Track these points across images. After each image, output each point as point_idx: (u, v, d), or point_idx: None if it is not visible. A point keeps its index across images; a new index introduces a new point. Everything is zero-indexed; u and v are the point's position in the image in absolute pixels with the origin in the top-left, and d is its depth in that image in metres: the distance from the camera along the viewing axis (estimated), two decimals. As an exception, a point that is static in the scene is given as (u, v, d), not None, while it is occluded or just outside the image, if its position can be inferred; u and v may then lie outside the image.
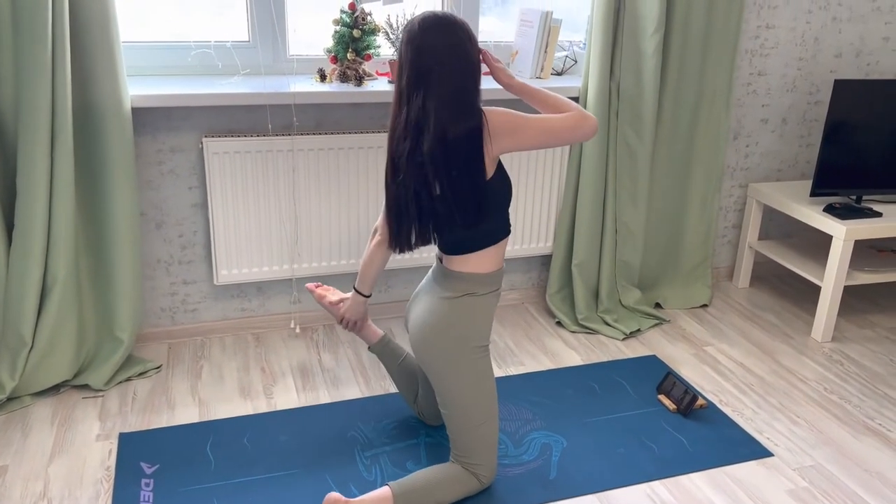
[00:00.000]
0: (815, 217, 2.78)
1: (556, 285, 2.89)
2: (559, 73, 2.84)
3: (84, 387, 2.33)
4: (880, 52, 3.13)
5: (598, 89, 2.62)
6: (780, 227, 3.32)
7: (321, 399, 2.34)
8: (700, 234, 3.01)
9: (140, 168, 2.41)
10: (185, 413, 2.24)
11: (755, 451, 2.14)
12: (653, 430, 2.23)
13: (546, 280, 3.00)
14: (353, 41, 2.44)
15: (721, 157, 2.91)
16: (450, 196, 1.73)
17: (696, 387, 2.46)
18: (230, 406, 2.28)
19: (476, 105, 1.74)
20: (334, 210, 2.58)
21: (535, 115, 1.77)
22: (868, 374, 2.57)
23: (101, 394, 2.32)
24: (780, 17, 2.93)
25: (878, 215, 2.77)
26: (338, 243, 2.62)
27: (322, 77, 2.48)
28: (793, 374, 2.56)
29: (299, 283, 2.70)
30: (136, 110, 2.31)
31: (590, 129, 1.76)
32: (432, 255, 2.46)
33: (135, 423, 2.18)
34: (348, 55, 2.44)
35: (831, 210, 2.78)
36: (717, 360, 2.63)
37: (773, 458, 2.12)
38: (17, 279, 2.16)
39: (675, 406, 2.32)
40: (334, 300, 2.12)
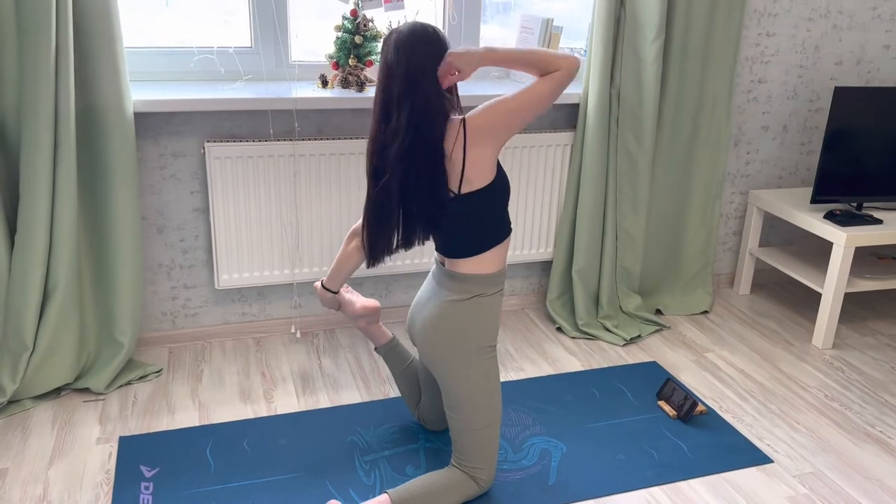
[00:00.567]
0: (816, 224, 2.78)
1: (557, 291, 2.90)
2: (560, 80, 2.84)
3: (85, 390, 2.34)
4: (881, 60, 3.14)
5: (598, 96, 2.63)
6: (780, 233, 3.32)
7: (321, 403, 2.34)
8: (701, 241, 3.01)
9: (142, 172, 2.43)
10: (186, 417, 2.24)
11: (755, 457, 2.14)
12: (653, 436, 2.22)
13: (546, 286, 3.00)
14: (354, 47, 2.45)
15: (722, 164, 2.91)
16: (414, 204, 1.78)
17: (696, 393, 2.46)
18: (230, 410, 2.29)
19: (441, 115, 1.75)
20: (335, 215, 2.59)
21: (518, 92, 1.75)
22: (869, 382, 2.57)
23: (102, 397, 2.32)
24: (780, 25, 2.94)
25: (879, 222, 2.78)
26: (338, 248, 2.62)
27: (324, 83, 2.49)
28: (793, 381, 2.56)
29: (300, 287, 2.70)
30: (138, 115, 2.33)
31: (572, 73, 1.74)
32: (432, 259, 2.46)
33: (135, 427, 2.18)
34: (350, 61, 2.45)
35: (832, 217, 2.78)
36: (717, 367, 2.63)
37: (773, 464, 2.12)
38: (19, 283, 2.17)
39: (675, 412, 2.32)
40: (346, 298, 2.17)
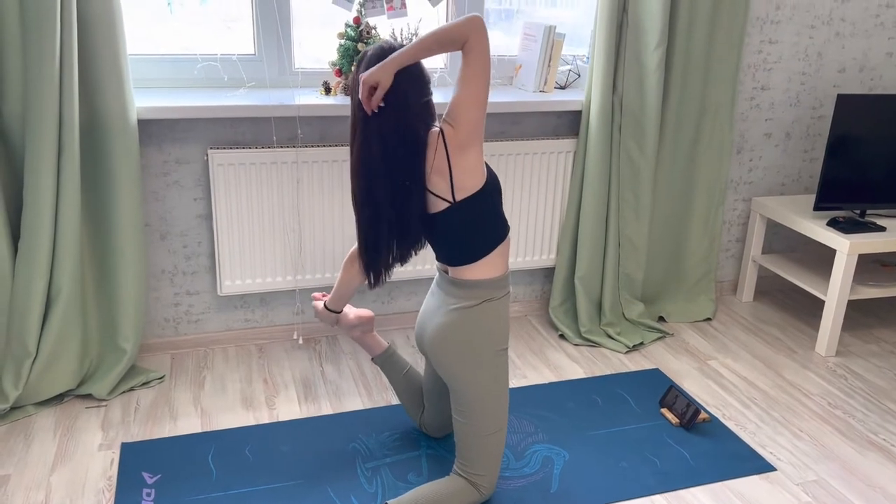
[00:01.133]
0: (819, 231, 2.78)
1: (559, 298, 2.90)
2: (562, 87, 2.85)
3: (87, 396, 2.34)
4: (884, 67, 3.14)
5: (601, 103, 2.63)
6: (783, 241, 3.32)
7: (323, 410, 2.34)
8: (703, 248, 3.00)
9: (145, 179, 2.43)
10: (188, 423, 2.24)
11: (758, 465, 2.13)
12: (655, 443, 2.22)
13: (549, 293, 3.00)
14: (357, 55, 2.46)
15: (724, 171, 2.91)
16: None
17: (699, 401, 2.46)
18: (232, 416, 2.29)
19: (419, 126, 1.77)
20: (338, 222, 2.59)
21: (466, 86, 1.70)
22: (872, 389, 2.56)
23: (104, 403, 2.32)
24: (782, 33, 2.94)
25: (882, 230, 2.77)
26: (341, 255, 2.63)
27: (327, 90, 2.50)
28: (796, 389, 2.55)
29: (303, 294, 2.71)
30: (142, 122, 2.34)
31: (482, 33, 1.67)
32: (433, 265, 2.47)
33: (137, 433, 2.19)
34: (353, 68, 2.46)
35: (835, 224, 2.78)
36: (720, 374, 2.63)
37: (776, 472, 2.11)
38: (23, 289, 2.17)
39: (677, 420, 2.31)
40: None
